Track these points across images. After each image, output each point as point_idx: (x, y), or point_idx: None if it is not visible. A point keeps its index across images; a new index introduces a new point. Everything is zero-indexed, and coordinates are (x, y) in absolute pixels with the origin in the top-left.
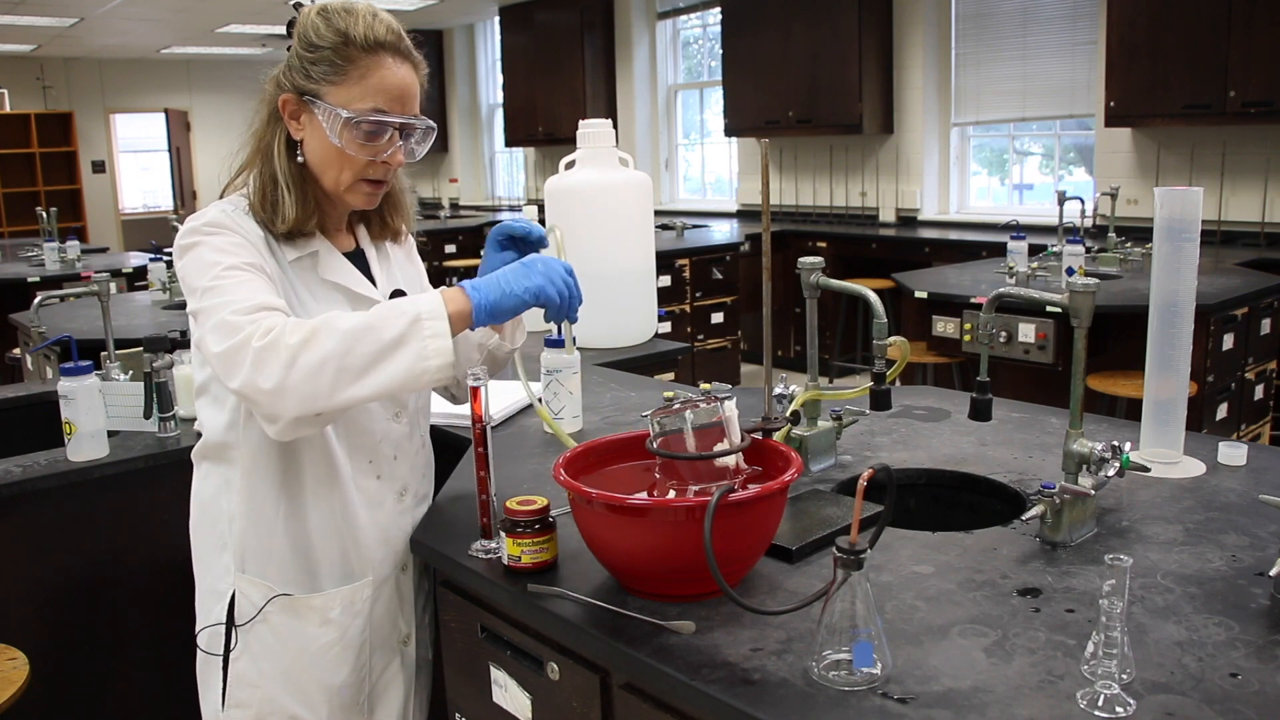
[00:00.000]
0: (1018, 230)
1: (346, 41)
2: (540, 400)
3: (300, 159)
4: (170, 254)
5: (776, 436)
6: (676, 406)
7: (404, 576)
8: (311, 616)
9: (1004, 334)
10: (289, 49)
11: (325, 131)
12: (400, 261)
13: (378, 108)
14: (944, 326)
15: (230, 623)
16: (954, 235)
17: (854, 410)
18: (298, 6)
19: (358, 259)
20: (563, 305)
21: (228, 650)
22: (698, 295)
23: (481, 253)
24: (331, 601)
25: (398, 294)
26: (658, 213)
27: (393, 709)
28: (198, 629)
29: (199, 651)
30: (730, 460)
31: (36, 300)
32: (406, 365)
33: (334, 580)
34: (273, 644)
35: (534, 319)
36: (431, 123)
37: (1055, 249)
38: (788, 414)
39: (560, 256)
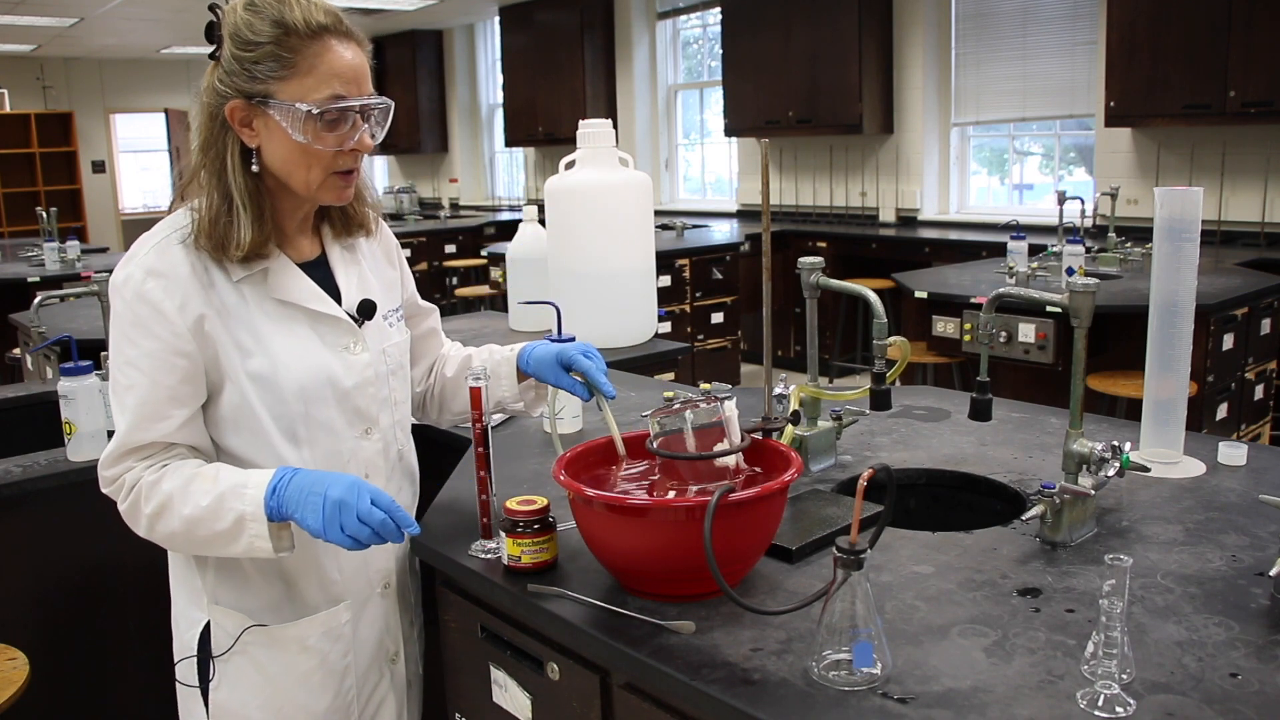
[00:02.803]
0: (1018, 230)
1: (287, 32)
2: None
3: (255, 169)
4: None
5: (784, 439)
6: (676, 406)
7: (387, 594)
8: (290, 645)
9: (1004, 334)
10: (212, 55)
11: (286, 131)
12: (376, 264)
13: (336, 94)
14: (944, 326)
15: (207, 654)
16: (954, 235)
17: (854, 410)
18: (214, 8)
19: (320, 267)
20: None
21: (206, 681)
22: (698, 295)
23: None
24: (308, 629)
25: (366, 305)
26: (658, 213)
27: None
28: (176, 659)
29: (178, 684)
30: (730, 460)
31: (36, 300)
32: (241, 551)
33: (310, 607)
34: (252, 674)
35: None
36: (388, 100)
37: (1055, 249)
38: (788, 414)
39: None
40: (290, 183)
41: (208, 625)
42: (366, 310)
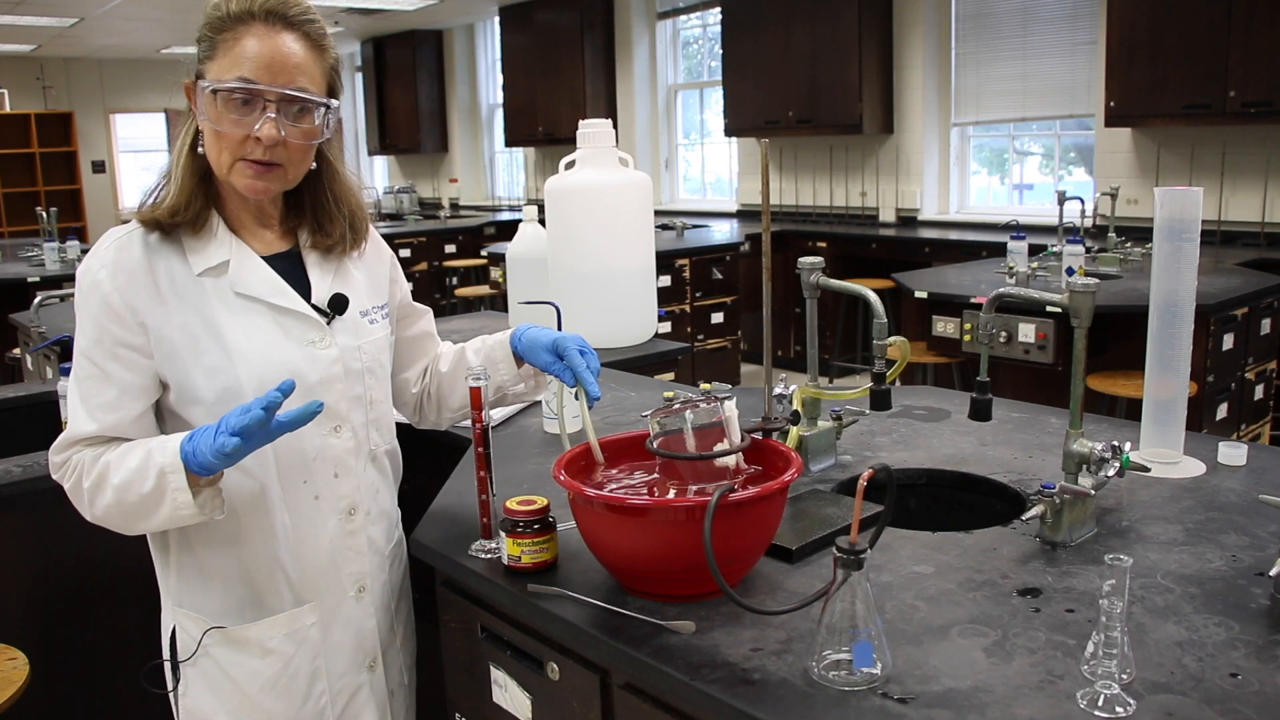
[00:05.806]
0: (1018, 230)
1: (220, 15)
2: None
3: (201, 150)
4: None
5: (788, 441)
6: (676, 406)
7: (361, 599)
8: (251, 648)
9: (1004, 334)
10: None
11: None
12: (364, 259)
13: (243, 77)
14: (944, 326)
15: (175, 659)
16: (954, 235)
17: (854, 410)
18: None
19: (289, 260)
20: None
21: (175, 687)
22: (698, 295)
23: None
24: (269, 631)
25: (337, 300)
26: (658, 213)
27: None
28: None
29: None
30: (730, 460)
31: (36, 300)
32: (167, 515)
33: (273, 608)
34: (218, 678)
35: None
36: (326, 101)
37: (1055, 249)
38: (789, 414)
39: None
40: (211, 164)
41: (174, 632)
42: (337, 305)
